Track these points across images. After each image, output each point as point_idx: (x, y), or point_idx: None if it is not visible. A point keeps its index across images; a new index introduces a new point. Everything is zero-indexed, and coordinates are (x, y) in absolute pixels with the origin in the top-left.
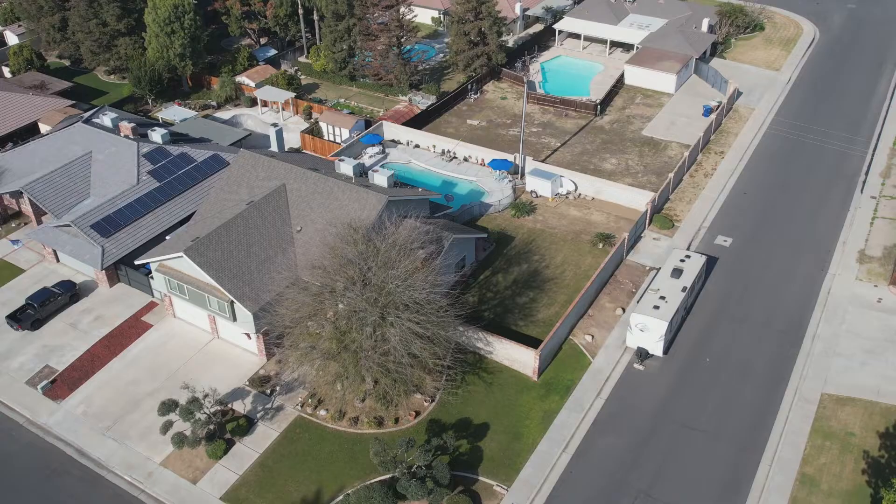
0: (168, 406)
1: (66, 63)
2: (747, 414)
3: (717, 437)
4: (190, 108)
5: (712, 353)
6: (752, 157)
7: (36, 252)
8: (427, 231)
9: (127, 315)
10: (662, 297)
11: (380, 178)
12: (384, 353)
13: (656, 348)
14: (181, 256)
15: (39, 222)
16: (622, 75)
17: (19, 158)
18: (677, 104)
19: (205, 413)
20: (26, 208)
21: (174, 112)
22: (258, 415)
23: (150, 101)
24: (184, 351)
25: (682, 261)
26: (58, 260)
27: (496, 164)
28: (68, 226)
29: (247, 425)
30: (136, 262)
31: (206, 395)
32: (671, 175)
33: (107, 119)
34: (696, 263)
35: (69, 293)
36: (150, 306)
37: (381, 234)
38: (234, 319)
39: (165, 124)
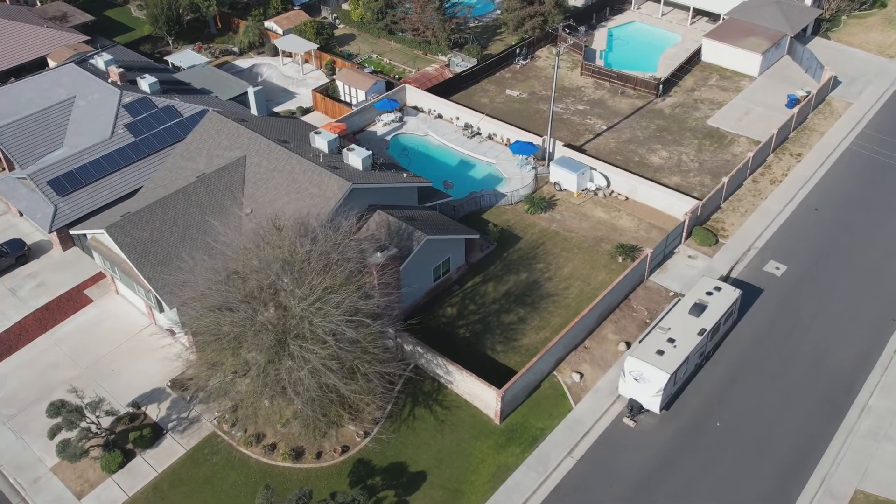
0: (56, 408)
1: None
2: None
3: None
4: (211, 52)
5: (726, 415)
6: (836, 165)
7: (3, 202)
8: (398, 230)
9: (71, 285)
10: (671, 340)
11: (354, 159)
12: (291, 383)
13: (652, 403)
14: (103, 233)
15: (12, 170)
16: (699, 50)
17: (6, 97)
18: (758, 90)
19: (92, 423)
20: None
21: (183, 57)
22: (170, 424)
23: (169, 42)
24: (116, 335)
25: (710, 293)
26: (21, 214)
27: (517, 148)
28: (25, 178)
29: (151, 436)
30: (71, 233)
31: (99, 401)
32: (725, 179)
33: (101, 61)
34: (725, 299)
35: (17, 253)
36: (98, 277)
37: (309, 236)
38: (161, 310)
39: (175, 69)
